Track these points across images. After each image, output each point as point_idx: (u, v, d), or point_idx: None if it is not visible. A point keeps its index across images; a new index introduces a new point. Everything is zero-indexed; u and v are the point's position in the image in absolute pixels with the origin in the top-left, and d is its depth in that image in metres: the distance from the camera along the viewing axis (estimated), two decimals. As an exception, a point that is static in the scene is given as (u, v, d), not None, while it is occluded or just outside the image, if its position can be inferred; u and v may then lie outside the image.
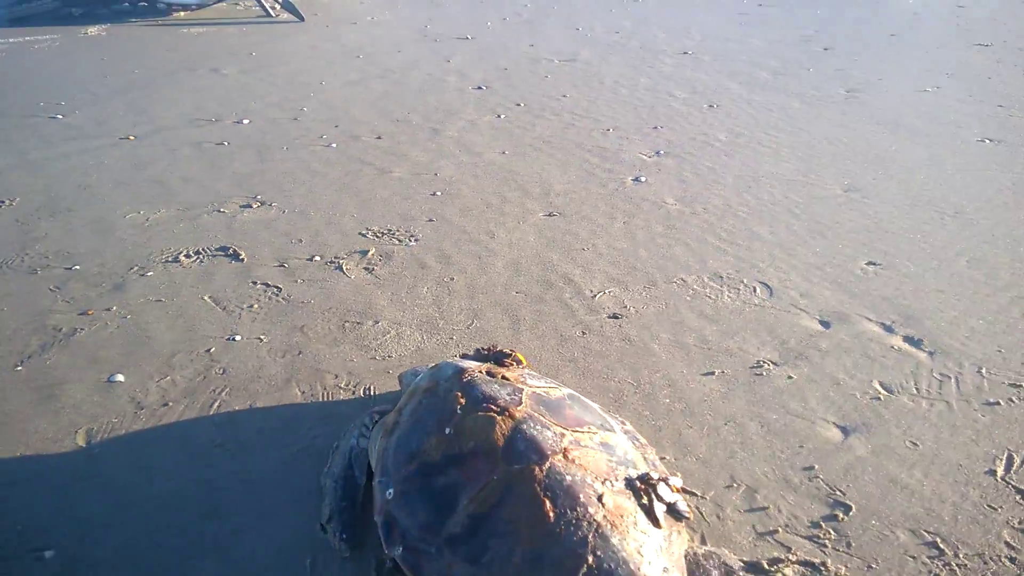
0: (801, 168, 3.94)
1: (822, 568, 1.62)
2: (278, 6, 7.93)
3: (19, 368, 2.26)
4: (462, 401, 1.66)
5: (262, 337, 2.44)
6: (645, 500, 1.56)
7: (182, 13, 7.86)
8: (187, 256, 2.94)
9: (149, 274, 2.81)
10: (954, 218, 3.31)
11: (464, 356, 2.01)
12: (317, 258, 2.95)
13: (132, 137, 4.21)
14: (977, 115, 4.82)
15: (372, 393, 2.19)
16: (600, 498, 1.51)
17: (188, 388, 2.19)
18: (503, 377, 1.83)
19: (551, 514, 1.46)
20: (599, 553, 1.42)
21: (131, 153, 3.97)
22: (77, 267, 2.84)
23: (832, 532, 1.71)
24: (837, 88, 5.55)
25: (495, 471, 1.52)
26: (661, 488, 1.58)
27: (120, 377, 2.22)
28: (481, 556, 1.44)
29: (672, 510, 1.58)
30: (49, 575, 1.61)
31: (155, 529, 1.71)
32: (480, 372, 1.81)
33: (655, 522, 1.53)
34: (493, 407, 1.64)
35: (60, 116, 4.52)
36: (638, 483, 1.58)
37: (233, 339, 2.42)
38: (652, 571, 1.44)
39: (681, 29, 7.65)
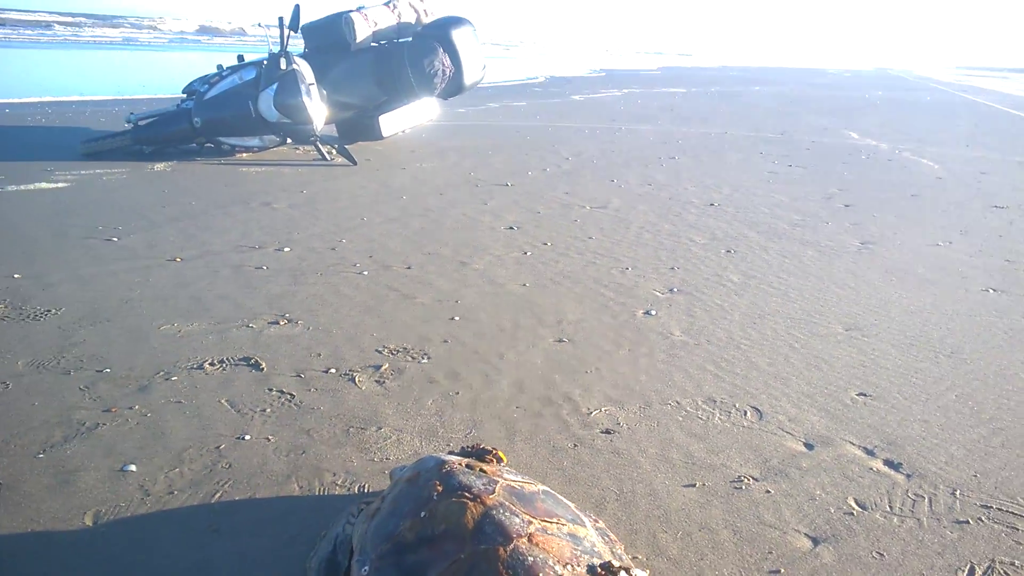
0: (807, 308, 4.07)
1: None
2: (334, 151, 8.59)
3: (40, 456, 2.43)
4: (439, 489, 1.77)
5: (270, 437, 2.59)
6: None
7: (245, 155, 8.56)
8: (211, 364, 3.15)
9: (174, 378, 3.02)
10: (949, 358, 3.39)
11: (451, 453, 2.12)
12: (332, 370, 3.14)
13: (179, 259, 4.57)
14: (984, 268, 4.95)
15: (366, 490, 2.31)
16: None
17: (194, 479, 2.33)
18: (481, 470, 1.96)
19: None
20: None
21: (175, 273, 4.31)
22: (108, 370, 3.07)
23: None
24: (852, 240, 5.75)
25: (463, 550, 1.61)
26: None
27: (132, 467, 2.38)
28: None
29: None
30: (37, 636, 1.70)
31: (142, 601, 1.81)
32: (460, 464, 1.93)
33: None
34: (467, 494, 1.75)
35: (115, 239, 4.94)
36: (600, 570, 1.64)
37: (243, 438, 2.58)
38: None
39: (711, 184, 8.03)
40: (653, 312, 3.96)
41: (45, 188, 6.42)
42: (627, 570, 1.66)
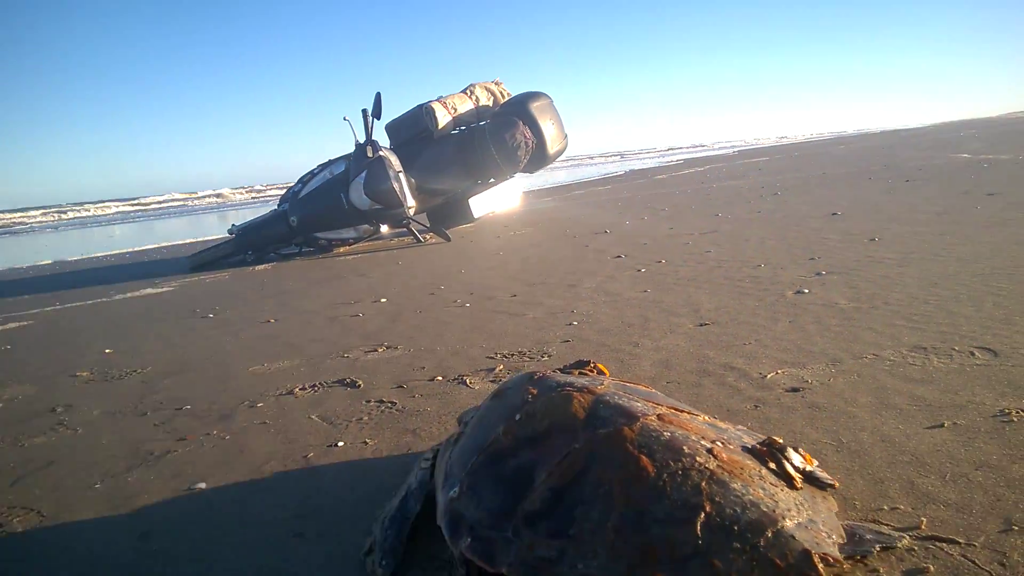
0: (997, 265, 3.36)
1: None
2: (427, 235, 8.38)
3: (97, 486, 2.00)
4: (533, 392, 1.36)
5: (368, 441, 2.09)
6: (772, 464, 1.19)
7: (343, 248, 8.43)
8: (302, 389, 2.71)
9: (259, 405, 2.58)
10: None
11: None
12: (439, 378, 2.64)
13: (272, 320, 4.24)
14: None
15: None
16: (710, 451, 1.16)
17: (275, 488, 1.84)
18: (581, 374, 1.58)
19: (650, 469, 1.11)
20: (718, 499, 1.06)
21: (268, 330, 3.96)
22: (188, 407, 2.66)
23: None
24: (1015, 214, 4.97)
25: (576, 440, 1.20)
26: (790, 453, 1.21)
27: (202, 485, 1.91)
28: (568, 528, 1.10)
29: (810, 477, 1.21)
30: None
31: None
32: (554, 372, 1.53)
33: (789, 483, 1.15)
34: (570, 387, 1.34)
35: (211, 315, 4.68)
36: (759, 447, 1.22)
37: (335, 445, 2.09)
38: (793, 516, 1.07)
39: (826, 203, 7.34)
40: (806, 291, 3.32)
41: (150, 292, 6.34)
42: (794, 448, 1.24)
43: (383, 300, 4.51)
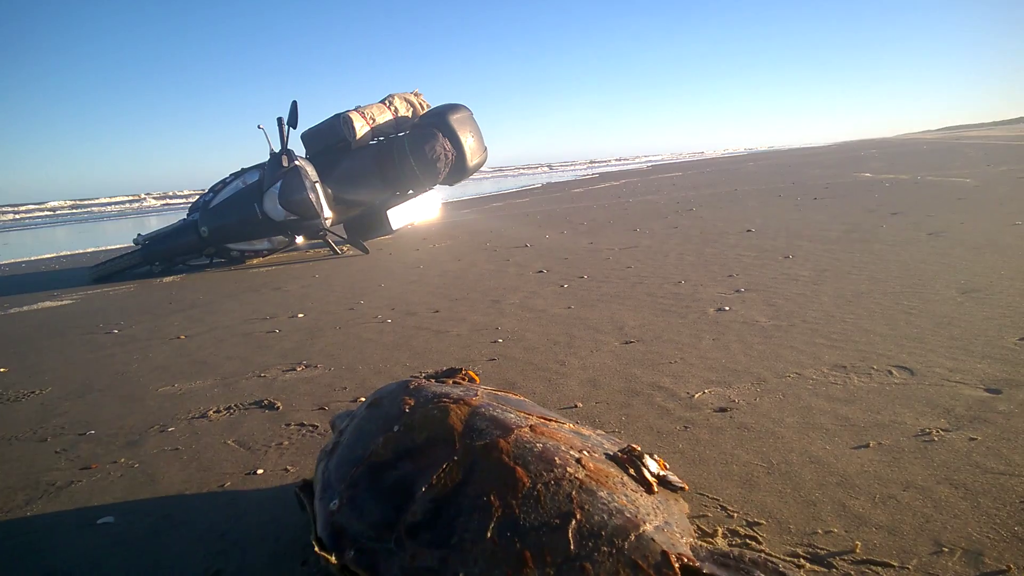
0: (906, 283, 3.50)
1: None
2: (345, 246, 8.21)
3: (-7, 521, 1.84)
4: (411, 403, 1.40)
5: (289, 468, 2.00)
6: (632, 471, 1.29)
7: (256, 260, 8.16)
8: (216, 412, 2.58)
9: (170, 429, 2.44)
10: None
11: None
12: (362, 399, 2.56)
13: (183, 336, 4.05)
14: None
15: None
16: (579, 460, 1.25)
17: (189, 520, 1.72)
18: (455, 383, 1.61)
19: (525, 480, 1.19)
20: (587, 507, 1.15)
21: (179, 347, 3.78)
22: (92, 432, 2.49)
23: None
24: (918, 233, 5.22)
25: (454, 453, 1.26)
26: (647, 460, 1.32)
27: (109, 519, 1.78)
28: (449, 538, 1.15)
29: (664, 481, 1.31)
30: None
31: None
32: (428, 381, 1.57)
33: (647, 488, 1.26)
34: (446, 399, 1.39)
35: (116, 331, 4.44)
36: (620, 454, 1.32)
37: (254, 473, 1.98)
38: (652, 520, 1.16)
39: (740, 219, 7.57)
40: (727, 308, 3.39)
41: (49, 305, 5.98)
42: (650, 455, 1.34)
43: (300, 315, 4.37)
